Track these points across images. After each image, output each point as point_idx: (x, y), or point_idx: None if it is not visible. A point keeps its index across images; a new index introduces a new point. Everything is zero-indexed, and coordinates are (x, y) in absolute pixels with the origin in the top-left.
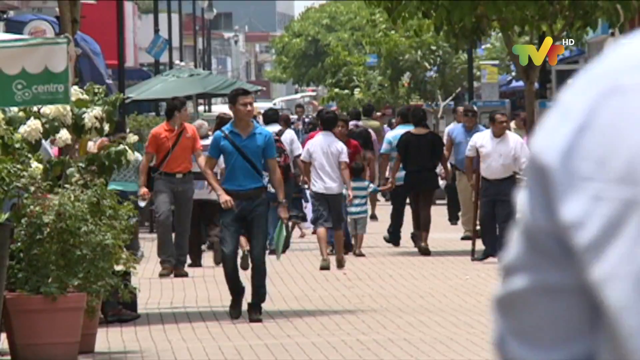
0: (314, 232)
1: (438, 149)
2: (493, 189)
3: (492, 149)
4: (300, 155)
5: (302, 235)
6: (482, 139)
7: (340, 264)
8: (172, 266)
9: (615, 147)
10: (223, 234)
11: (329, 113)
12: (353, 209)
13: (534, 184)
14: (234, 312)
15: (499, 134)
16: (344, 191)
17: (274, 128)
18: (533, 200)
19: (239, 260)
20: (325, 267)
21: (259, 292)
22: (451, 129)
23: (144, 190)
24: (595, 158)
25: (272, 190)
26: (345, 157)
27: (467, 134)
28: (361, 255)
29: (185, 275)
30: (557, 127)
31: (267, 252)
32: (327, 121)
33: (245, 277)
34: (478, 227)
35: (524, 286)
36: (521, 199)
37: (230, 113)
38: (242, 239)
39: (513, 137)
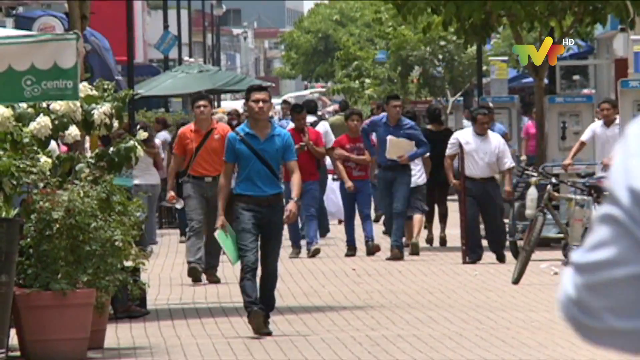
0: (340, 222)
1: None
2: (477, 189)
3: (476, 146)
4: (332, 148)
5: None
6: (466, 136)
7: (415, 250)
8: (202, 270)
9: None
10: (243, 241)
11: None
12: None
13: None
14: (259, 323)
15: (481, 132)
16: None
17: (310, 119)
18: None
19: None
20: (414, 252)
21: (270, 301)
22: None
23: (170, 194)
24: None
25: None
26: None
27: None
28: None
29: (218, 281)
30: None
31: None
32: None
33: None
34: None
35: (631, 274)
36: (627, 213)
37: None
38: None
39: (494, 137)
